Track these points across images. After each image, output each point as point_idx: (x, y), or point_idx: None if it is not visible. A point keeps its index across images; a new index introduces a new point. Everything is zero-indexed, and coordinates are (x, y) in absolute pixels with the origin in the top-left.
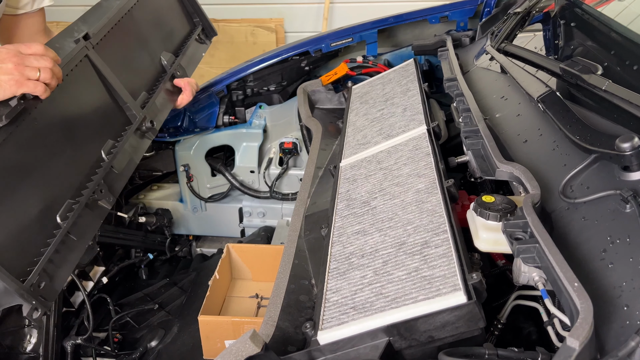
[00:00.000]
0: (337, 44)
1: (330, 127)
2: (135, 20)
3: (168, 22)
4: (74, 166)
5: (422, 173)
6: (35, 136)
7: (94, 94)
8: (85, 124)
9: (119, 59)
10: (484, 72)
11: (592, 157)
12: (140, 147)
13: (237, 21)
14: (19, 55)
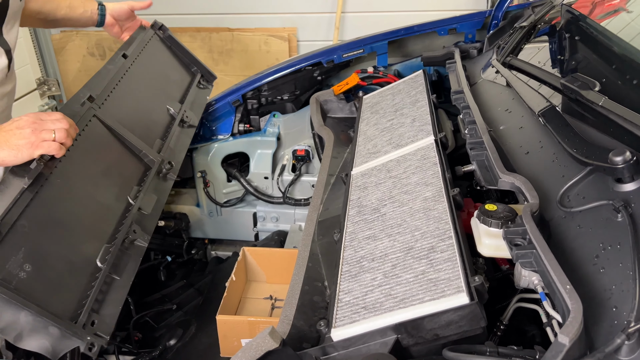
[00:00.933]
0: (349, 55)
1: (341, 135)
2: (136, 78)
3: (168, 75)
4: (105, 214)
5: (429, 182)
6: (61, 192)
7: (110, 148)
8: (108, 175)
9: (127, 114)
10: (490, 84)
11: (587, 169)
12: (164, 187)
13: (251, 30)
14: (38, 122)
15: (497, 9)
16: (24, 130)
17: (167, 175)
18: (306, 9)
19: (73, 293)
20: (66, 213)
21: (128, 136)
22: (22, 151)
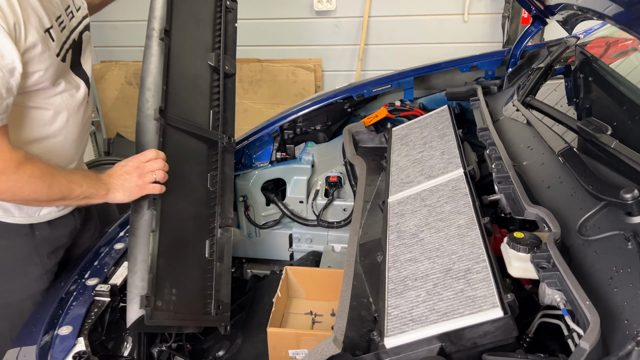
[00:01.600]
0: (378, 90)
1: (372, 164)
2: (176, 49)
3: (199, 16)
4: (199, 213)
5: (462, 211)
6: (169, 218)
7: (183, 146)
8: (190, 176)
9: (182, 99)
10: (512, 122)
11: (602, 204)
12: (229, 160)
13: (280, 61)
14: (141, 166)
15: (515, 48)
16: (132, 175)
17: (228, 149)
18: (331, 42)
19: (201, 290)
20: (178, 232)
21: (193, 128)
22: (134, 193)
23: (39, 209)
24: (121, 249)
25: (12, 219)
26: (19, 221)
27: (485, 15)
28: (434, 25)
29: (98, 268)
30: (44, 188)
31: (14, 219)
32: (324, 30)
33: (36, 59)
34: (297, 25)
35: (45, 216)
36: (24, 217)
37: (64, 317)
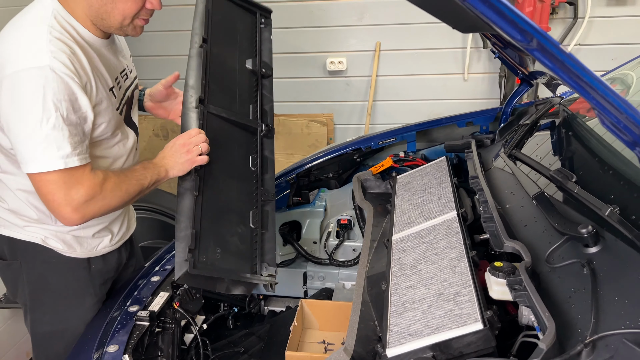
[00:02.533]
0: (384, 142)
1: (379, 208)
2: (216, 53)
3: (237, 27)
4: (242, 188)
5: (454, 246)
6: (212, 187)
7: (224, 131)
8: (231, 156)
9: (224, 97)
10: (500, 171)
11: (565, 237)
12: (269, 145)
13: (295, 116)
14: (186, 143)
15: (506, 106)
16: (181, 152)
17: (268, 135)
18: (342, 98)
19: (246, 254)
20: (222, 200)
21: (233, 116)
22: (185, 167)
23: (97, 244)
24: (157, 281)
25: (74, 254)
26: (80, 255)
27: (483, 74)
28: (437, 84)
29: (138, 297)
30: (124, 194)
31: (76, 254)
32: (335, 88)
33: (102, 112)
34: (311, 83)
35: (101, 250)
36: (84, 252)
37: (111, 338)
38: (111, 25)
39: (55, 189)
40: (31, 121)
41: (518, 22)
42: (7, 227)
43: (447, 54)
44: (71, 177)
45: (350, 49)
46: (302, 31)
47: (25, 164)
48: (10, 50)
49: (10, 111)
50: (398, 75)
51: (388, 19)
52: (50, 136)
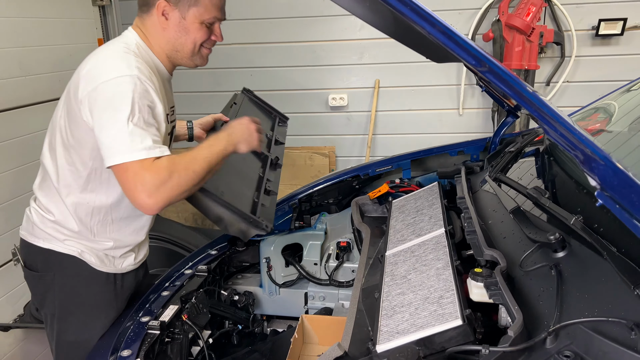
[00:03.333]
0: (381, 170)
1: (375, 230)
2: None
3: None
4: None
5: (440, 258)
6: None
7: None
8: (249, 164)
9: None
10: (485, 193)
11: (537, 245)
12: (276, 174)
13: (298, 148)
14: (253, 122)
15: (494, 136)
16: (250, 128)
17: (276, 164)
18: (343, 132)
19: (248, 198)
20: (231, 171)
21: None
22: (254, 143)
23: (122, 262)
24: (167, 295)
25: (104, 269)
26: (109, 270)
27: (477, 109)
28: (433, 118)
29: (149, 309)
30: (192, 174)
31: (105, 269)
32: (337, 122)
33: (162, 131)
34: (314, 118)
35: (125, 268)
36: (111, 268)
37: (125, 344)
38: (184, 55)
39: (134, 177)
40: (121, 118)
41: (471, 51)
42: (48, 240)
43: (442, 90)
44: (148, 166)
45: (351, 85)
46: (306, 69)
47: (111, 157)
48: (104, 64)
49: (104, 111)
50: (396, 110)
51: (386, 58)
52: (135, 131)
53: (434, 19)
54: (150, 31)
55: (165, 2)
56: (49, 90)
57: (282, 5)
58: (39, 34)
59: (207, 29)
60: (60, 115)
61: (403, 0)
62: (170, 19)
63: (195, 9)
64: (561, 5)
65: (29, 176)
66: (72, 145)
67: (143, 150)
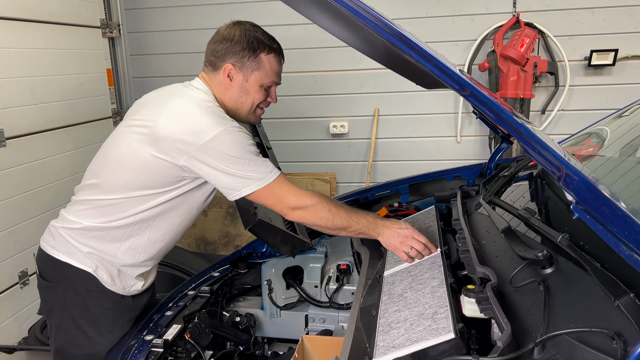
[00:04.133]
0: (379, 194)
1: (375, 253)
2: None
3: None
4: None
5: (436, 276)
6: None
7: None
8: None
9: None
10: (480, 215)
11: (526, 262)
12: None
13: (300, 175)
14: (409, 236)
15: (489, 162)
16: (400, 237)
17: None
18: (344, 158)
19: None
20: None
21: None
22: (390, 246)
23: (132, 285)
24: (170, 315)
25: (114, 288)
26: (118, 290)
27: (475, 137)
28: (432, 146)
29: (153, 328)
30: (329, 222)
31: (115, 288)
32: (338, 149)
33: None
34: (315, 145)
35: (132, 291)
36: (120, 288)
37: None
38: (242, 113)
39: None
40: (241, 158)
41: (454, 77)
42: (67, 253)
43: (440, 119)
44: (283, 184)
45: (351, 114)
46: (307, 98)
47: (245, 189)
48: (201, 119)
49: (224, 160)
50: (396, 137)
51: (385, 88)
52: (261, 162)
53: (420, 48)
54: (216, 88)
55: (231, 66)
56: (59, 118)
57: (286, 38)
58: (50, 64)
59: (265, 91)
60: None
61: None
62: (234, 80)
63: (257, 74)
64: (554, 37)
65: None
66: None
67: (272, 172)
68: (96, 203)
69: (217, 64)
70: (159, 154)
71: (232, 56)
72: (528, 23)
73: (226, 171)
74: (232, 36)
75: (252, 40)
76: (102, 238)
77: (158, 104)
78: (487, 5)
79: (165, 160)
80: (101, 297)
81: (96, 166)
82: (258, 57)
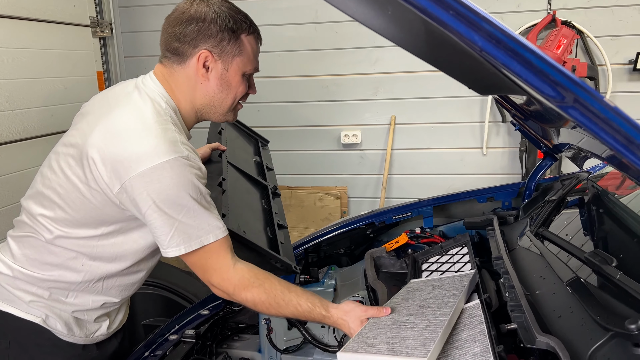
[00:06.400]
0: (398, 217)
1: (393, 289)
2: (231, 149)
3: (245, 143)
4: (259, 215)
5: (477, 339)
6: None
7: (245, 182)
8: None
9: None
10: (526, 252)
11: (610, 334)
12: (277, 201)
13: (308, 189)
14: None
15: (529, 181)
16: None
17: (275, 193)
18: (356, 171)
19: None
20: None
21: (249, 172)
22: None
23: (95, 330)
24: None
25: (72, 338)
26: (76, 341)
27: (503, 149)
28: (455, 158)
29: None
30: (272, 310)
31: (73, 339)
32: (350, 160)
33: None
34: (325, 156)
35: (97, 338)
36: (81, 337)
37: None
38: (220, 111)
39: (214, 260)
40: (182, 208)
41: (550, 73)
42: (8, 301)
43: (464, 128)
44: (225, 246)
45: (365, 122)
46: (317, 105)
47: (179, 247)
48: (142, 142)
49: (158, 202)
50: (414, 148)
51: (403, 93)
52: (201, 216)
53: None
54: (180, 85)
55: (208, 52)
56: (40, 126)
57: (292, 38)
58: (30, 65)
59: (246, 81)
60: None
61: (443, 2)
62: (211, 70)
63: (239, 60)
64: (594, 38)
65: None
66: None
67: (218, 229)
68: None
69: (185, 51)
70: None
71: (208, 40)
72: (565, 22)
73: (158, 217)
74: (202, 14)
75: (228, 19)
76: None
77: (97, 115)
78: (519, 2)
79: (96, 190)
80: (55, 352)
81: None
82: (239, 39)
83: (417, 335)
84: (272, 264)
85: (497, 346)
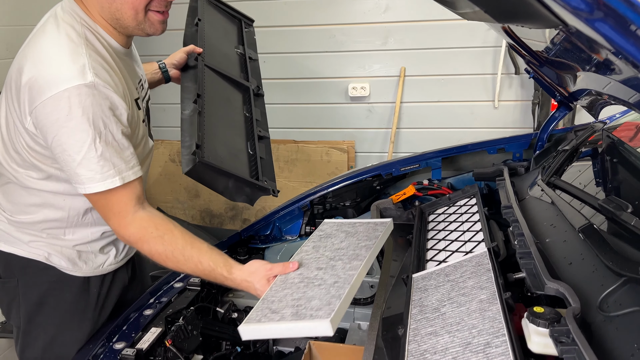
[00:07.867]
0: (406, 169)
1: (399, 240)
2: (210, 34)
3: (226, 27)
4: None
5: (484, 286)
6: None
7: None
8: (227, 103)
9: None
10: (537, 201)
11: (622, 280)
12: (260, 101)
13: (314, 143)
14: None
15: (542, 132)
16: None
17: (259, 93)
18: (364, 125)
19: (248, 166)
20: (221, 126)
21: (229, 73)
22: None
23: (103, 262)
24: (149, 314)
25: (79, 272)
26: (84, 274)
27: (515, 102)
28: (465, 111)
29: (126, 332)
30: (170, 264)
31: (80, 272)
32: (357, 114)
33: (134, 125)
34: (332, 109)
35: (106, 268)
36: (88, 270)
37: None
38: (127, 24)
39: (114, 204)
40: (83, 142)
41: None
42: (9, 243)
43: (475, 80)
44: (130, 191)
45: (373, 74)
46: (323, 56)
47: (82, 185)
48: (49, 67)
49: (59, 134)
50: (423, 102)
51: (413, 44)
52: (105, 154)
53: None
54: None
55: None
56: None
57: None
58: None
59: None
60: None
61: None
62: None
63: None
64: None
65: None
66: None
67: (117, 175)
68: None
69: None
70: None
71: None
72: None
73: (58, 148)
74: None
75: None
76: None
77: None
78: None
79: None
80: (61, 286)
81: None
82: None
83: (324, 293)
84: (251, 189)
85: (505, 293)
